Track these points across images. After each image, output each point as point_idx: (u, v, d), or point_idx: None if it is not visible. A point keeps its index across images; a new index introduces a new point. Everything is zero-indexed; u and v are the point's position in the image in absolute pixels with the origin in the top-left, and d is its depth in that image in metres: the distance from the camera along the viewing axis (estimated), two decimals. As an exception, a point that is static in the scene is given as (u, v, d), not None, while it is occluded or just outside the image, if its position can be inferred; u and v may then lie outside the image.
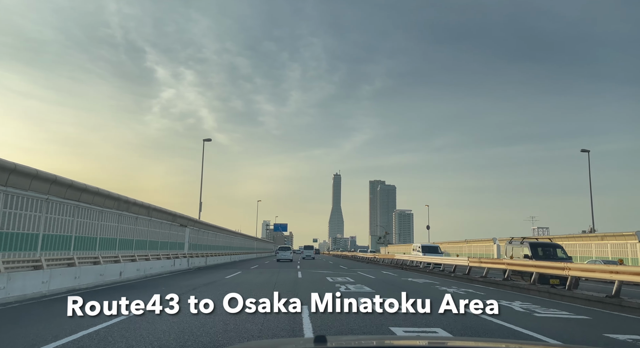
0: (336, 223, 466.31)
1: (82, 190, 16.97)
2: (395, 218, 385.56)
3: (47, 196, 14.66)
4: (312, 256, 60.70)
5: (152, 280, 18.35)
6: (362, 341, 3.26)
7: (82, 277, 14.65)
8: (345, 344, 2.68)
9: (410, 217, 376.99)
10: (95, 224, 18.42)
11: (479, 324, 7.98)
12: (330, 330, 7.21)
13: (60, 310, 9.20)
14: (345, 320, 7.86)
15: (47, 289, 12.48)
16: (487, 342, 3.10)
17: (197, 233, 35.41)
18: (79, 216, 17.03)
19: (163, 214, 26.54)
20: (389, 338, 3.91)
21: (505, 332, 7.63)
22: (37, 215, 14.22)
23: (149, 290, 14.12)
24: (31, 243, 13.94)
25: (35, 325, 7.67)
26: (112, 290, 14.26)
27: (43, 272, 12.55)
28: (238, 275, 21.49)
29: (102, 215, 18.95)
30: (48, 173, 14.35)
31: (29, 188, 13.64)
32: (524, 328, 7.95)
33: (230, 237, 52.02)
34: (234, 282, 17.15)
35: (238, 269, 27.04)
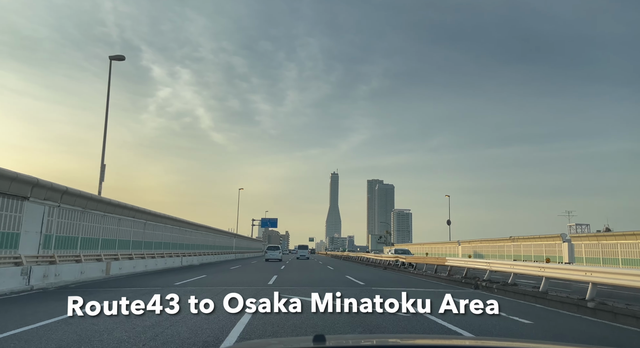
0: (333, 223, 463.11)
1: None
2: (393, 218, 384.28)
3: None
4: (306, 256, 58.07)
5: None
6: (361, 340, 3.14)
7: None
8: (345, 343, 2.69)
9: (408, 216, 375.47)
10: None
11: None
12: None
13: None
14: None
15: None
16: (487, 342, 2.96)
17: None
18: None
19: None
20: (389, 338, 3.92)
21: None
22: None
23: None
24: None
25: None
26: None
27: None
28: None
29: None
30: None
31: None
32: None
33: (190, 232, 38.00)
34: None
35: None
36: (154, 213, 28.59)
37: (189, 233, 37.89)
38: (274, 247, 46.70)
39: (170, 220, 32.37)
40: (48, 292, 13.37)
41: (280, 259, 44.38)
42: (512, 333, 7.28)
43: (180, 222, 34.70)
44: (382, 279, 20.15)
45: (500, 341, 3.26)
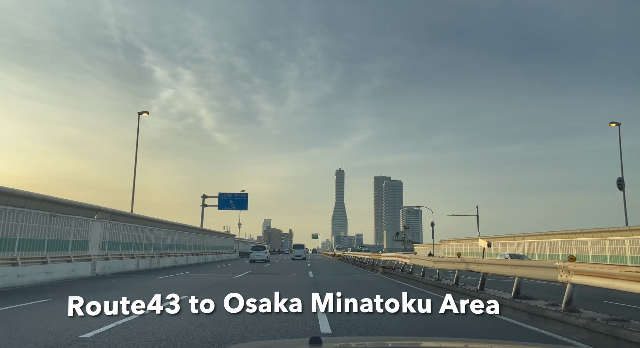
0: (339, 221, 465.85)
1: None
2: (402, 215, 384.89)
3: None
4: (302, 256, 55.18)
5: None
6: (357, 342, 3.24)
7: None
8: (340, 345, 2.71)
9: (419, 213, 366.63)
10: None
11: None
12: None
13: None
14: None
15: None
16: (487, 342, 3.15)
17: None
18: None
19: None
20: (386, 340, 3.90)
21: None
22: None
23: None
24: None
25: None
26: None
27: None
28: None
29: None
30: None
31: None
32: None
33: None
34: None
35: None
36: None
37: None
38: (259, 247, 44.24)
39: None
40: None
41: (267, 260, 42.35)
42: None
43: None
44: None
45: (501, 343, 3.66)
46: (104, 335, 7.04)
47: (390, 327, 7.52)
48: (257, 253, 42.15)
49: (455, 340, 4.34)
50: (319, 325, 7.67)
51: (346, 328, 7.52)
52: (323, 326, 7.61)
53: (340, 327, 7.55)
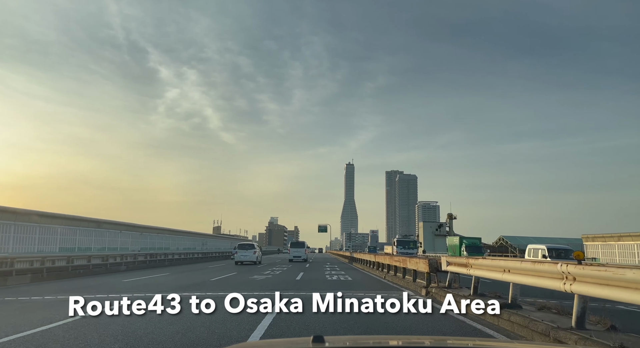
0: (349, 218, 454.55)
1: None
2: (418, 211, 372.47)
3: None
4: (302, 257, 44.33)
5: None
6: (359, 341, 3.37)
7: None
8: (343, 344, 2.80)
9: (436, 209, 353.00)
10: None
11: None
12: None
13: None
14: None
15: None
16: (487, 342, 3.33)
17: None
18: None
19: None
20: (388, 339, 3.91)
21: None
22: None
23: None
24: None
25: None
26: None
27: None
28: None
29: None
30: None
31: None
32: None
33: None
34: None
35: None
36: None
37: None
38: (247, 245, 37.15)
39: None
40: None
41: (255, 261, 36.08)
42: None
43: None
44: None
45: (501, 342, 3.77)
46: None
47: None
48: (244, 254, 35.74)
49: (455, 340, 4.47)
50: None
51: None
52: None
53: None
